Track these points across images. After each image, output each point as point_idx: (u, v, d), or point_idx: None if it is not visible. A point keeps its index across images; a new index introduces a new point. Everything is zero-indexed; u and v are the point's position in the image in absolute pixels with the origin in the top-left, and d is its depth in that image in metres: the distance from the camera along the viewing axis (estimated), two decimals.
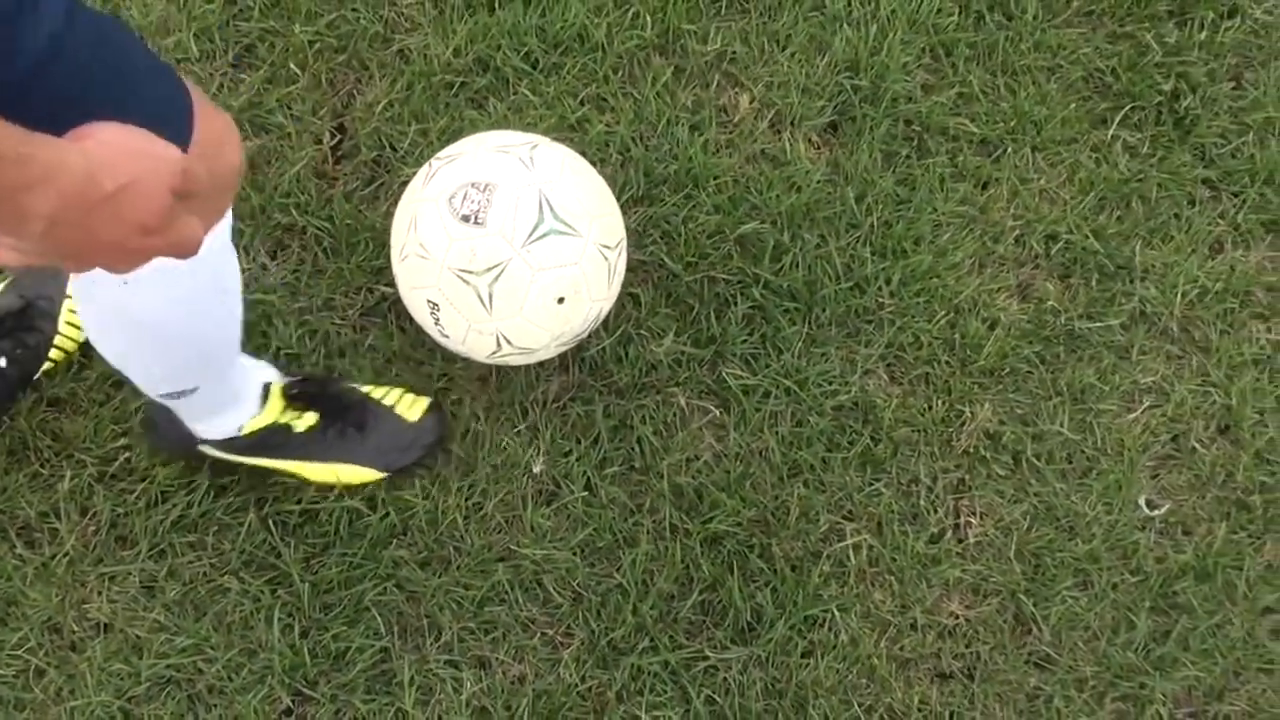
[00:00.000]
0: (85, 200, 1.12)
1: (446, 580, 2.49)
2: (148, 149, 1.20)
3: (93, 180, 1.12)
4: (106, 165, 1.14)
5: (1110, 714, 2.57)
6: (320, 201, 2.63)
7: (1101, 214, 2.80)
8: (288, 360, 2.55)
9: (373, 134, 2.69)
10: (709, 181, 2.70)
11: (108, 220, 1.15)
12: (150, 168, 1.19)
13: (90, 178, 1.12)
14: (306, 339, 2.57)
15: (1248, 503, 2.69)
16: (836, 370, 2.65)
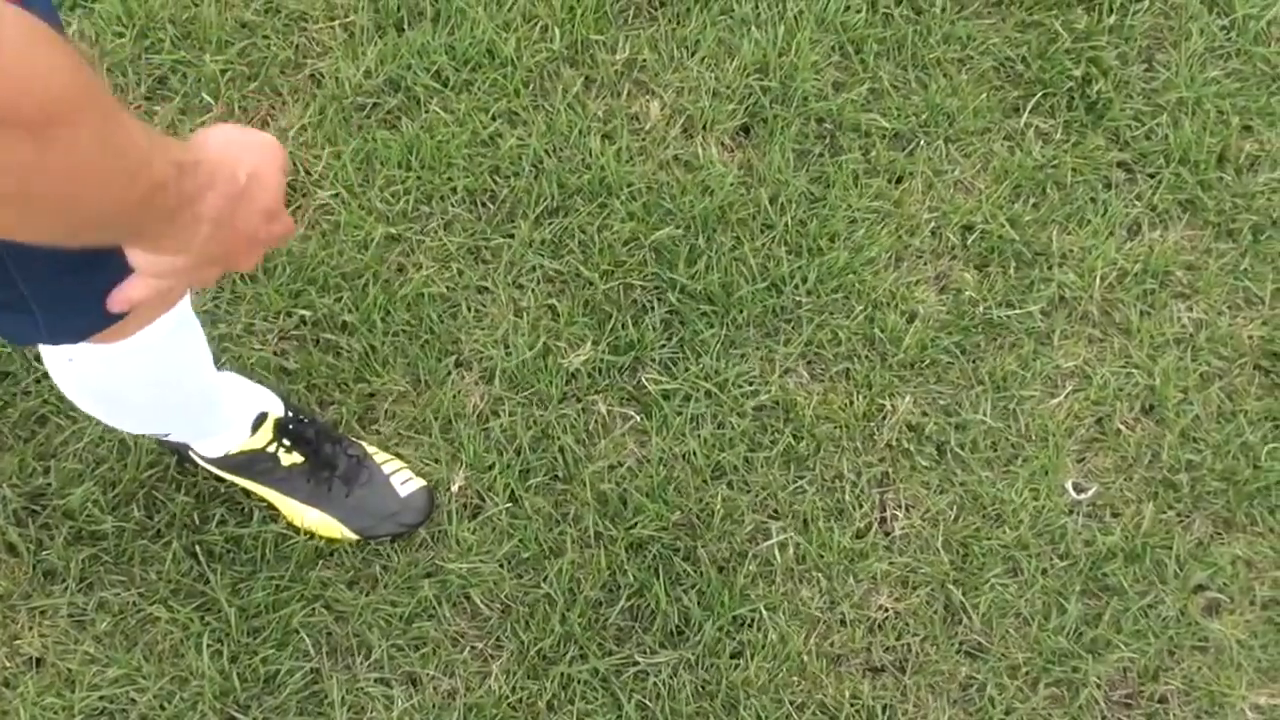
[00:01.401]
0: (233, 196, 1.12)
1: (374, 599, 2.47)
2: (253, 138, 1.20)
3: (232, 177, 1.12)
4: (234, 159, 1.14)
5: (1044, 699, 2.54)
6: None
7: (1017, 202, 2.77)
8: None
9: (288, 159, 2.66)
10: (622, 189, 2.67)
11: (246, 213, 1.15)
12: (265, 154, 1.19)
13: (231, 175, 1.12)
14: (229, 365, 2.54)
15: (1174, 481, 2.66)
16: (756, 370, 2.63)
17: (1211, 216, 2.78)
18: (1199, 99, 2.82)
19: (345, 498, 2.44)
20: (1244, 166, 2.85)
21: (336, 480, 2.43)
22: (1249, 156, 2.86)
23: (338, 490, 2.43)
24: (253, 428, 2.35)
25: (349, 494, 2.44)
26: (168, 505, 2.48)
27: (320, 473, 2.43)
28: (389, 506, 2.46)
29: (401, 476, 2.48)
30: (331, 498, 2.43)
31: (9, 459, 2.50)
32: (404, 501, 2.47)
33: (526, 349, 2.57)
